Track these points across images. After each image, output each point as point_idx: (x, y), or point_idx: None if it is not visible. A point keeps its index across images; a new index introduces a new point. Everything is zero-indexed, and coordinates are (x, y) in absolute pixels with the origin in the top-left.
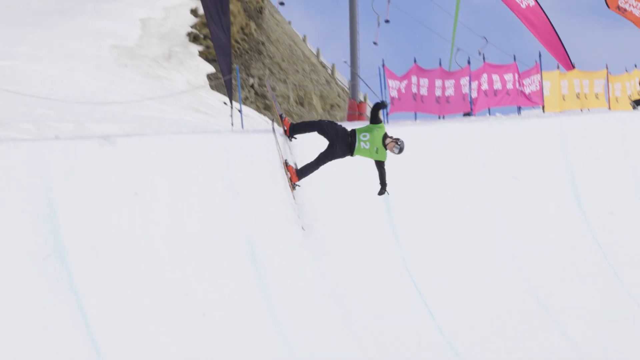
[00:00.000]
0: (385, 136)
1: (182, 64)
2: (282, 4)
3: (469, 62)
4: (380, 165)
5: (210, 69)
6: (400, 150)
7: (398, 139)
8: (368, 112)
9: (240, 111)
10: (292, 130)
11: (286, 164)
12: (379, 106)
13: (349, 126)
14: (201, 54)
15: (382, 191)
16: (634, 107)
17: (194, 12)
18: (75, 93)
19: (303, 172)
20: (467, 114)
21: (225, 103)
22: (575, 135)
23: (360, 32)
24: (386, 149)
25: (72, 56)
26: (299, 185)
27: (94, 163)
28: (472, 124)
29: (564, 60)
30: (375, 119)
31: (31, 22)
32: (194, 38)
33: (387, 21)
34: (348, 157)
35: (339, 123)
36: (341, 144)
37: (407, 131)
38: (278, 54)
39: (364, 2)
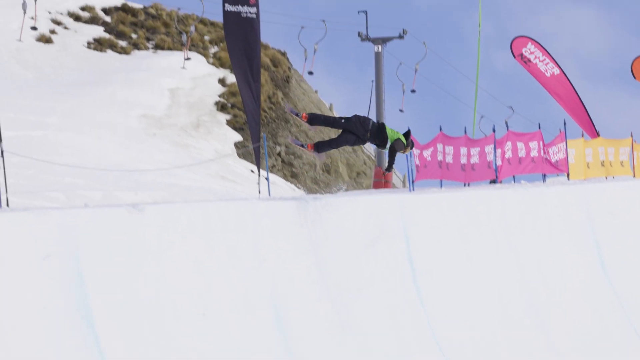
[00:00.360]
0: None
1: (210, 132)
2: (311, 73)
3: (494, 130)
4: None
5: (237, 137)
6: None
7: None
8: (394, 180)
9: (267, 179)
10: (318, 148)
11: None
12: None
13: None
14: (229, 122)
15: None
16: None
17: (221, 81)
18: (104, 162)
19: (321, 145)
20: (493, 181)
21: (252, 171)
22: (600, 202)
23: (386, 100)
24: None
25: (101, 126)
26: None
27: (123, 230)
28: (498, 190)
29: (589, 128)
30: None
31: (61, 92)
32: (221, 107)
33: (413, 91)
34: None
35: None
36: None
37: (432, 198)
38: (305, 123)
39: (390, 70)
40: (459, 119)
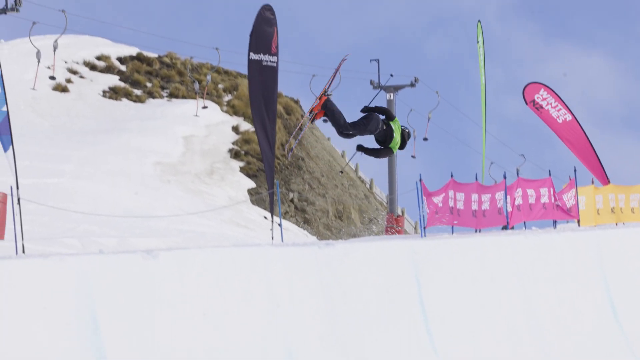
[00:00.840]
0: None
1: (224, 179)
2: (325, 121)
3: (504, 177)
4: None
5: (250, 184)
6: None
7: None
8: (406, 226)
9: (280, 225)
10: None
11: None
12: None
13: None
14: (242, 169)
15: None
16: None
17: (235, 129)
18: (119, 209)
19: (333, 112)
20: (505, 227)
21: (265, 217)
22: (610, 248)
23: None
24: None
25: (116, 173)
26: (324, 119)
27: (137, 277)
28: (509, 236)
29: (600, 175)
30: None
31: (77, 140)
32: (235, 154)
33: (425, 139)
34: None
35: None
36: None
37: (444, 244)
38: (317, 169)
39: (401, 117)
40: (470, 165)
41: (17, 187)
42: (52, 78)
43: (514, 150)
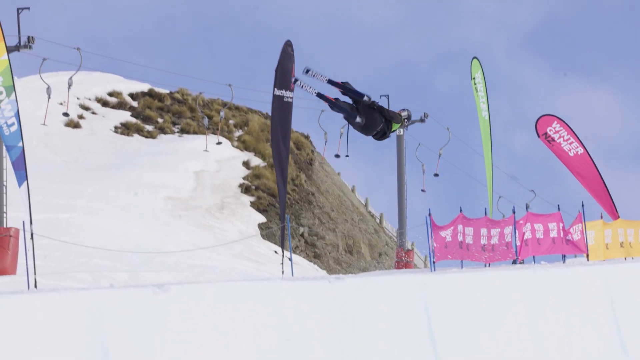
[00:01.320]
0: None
1: (234, 214)
2: (337, 156)
3: (513, 212)
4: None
5: (261, 218)
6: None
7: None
8: (416, 260)
9: (290, 259)
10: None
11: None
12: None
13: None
14: (252, 204)
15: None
16: None
17: (245, 164)
18: (130, 243)
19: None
20: (515, 262)
21: (275, 252)
22: (620, 282)
23: (407, 181)
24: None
25: (128, 208)
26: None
27: (148, 311)
28: (518, 271)
29: (609, 209)
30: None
31: (89, 176)
32: (245, 189)
33: (436, 175)
34: None
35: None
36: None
37: (454, 278)
38: (327, 204)
39: (410, 150)
40: (480, 200)
41: (31, 222)
42: (66, 115)
43: (522, 184)
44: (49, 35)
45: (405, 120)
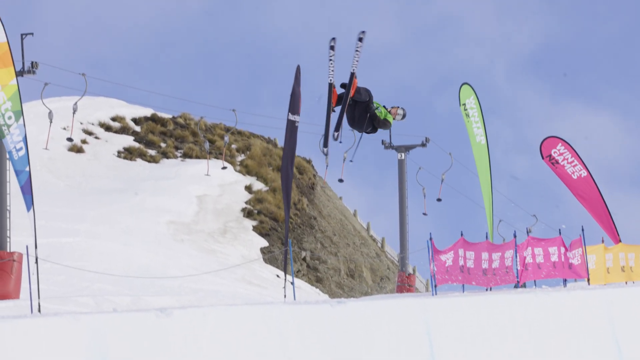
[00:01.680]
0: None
1: (237, 238)
2: (341, 180)
3: (514, 236)
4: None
5: (263, 242)
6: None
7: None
8: (418, 284)
9: (292, 283)
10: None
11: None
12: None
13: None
14: (255, 228)
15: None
16: None
17: (248, 188)
18: (133, 267)
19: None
20: (516, 286)
21: (278, 275)
22: (621, 306)
23: (408, 205)
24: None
25: (131, 232)
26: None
27: (151, 335)
28: (519, 295)
29: (611, 233)
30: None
31: (92, 200)
32: (248, 213)
33: (439, 200)
34: None
35: None
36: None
37: (455, 302)
38: (329, 228)
39: (411, 174)
40: (481, 224)
41: (36, 247)
42: (70, 140)
43: (522, 208)
44: (52, 60)
45: (400, 118)
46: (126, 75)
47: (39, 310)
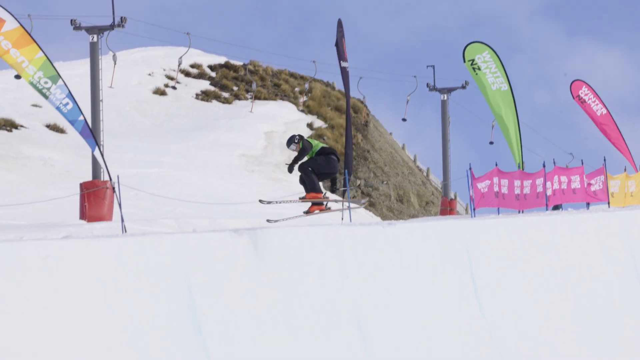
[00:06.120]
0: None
1: None
2: (404, 120)
3: (544, 166)
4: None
5: None
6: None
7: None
8: (458, 207)
9: (349, 208)
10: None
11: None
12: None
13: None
14: None
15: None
16: None
17: (309, 125)
18: (209, 194)
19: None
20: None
21: (336, 201)
22: (637, 225)
23: (451, 139)
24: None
25: (208, 164)
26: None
27: (226, 252)
28: (547, 217)
29: (632, 162)
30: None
31: (174, 137)
32: None
33: (491, 143)
34: None
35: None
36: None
37: (492, 223)
38: (381, 160)
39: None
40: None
41: (110, 178)
42: (174, 88)
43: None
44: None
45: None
46: (202, 24)
47: (126, 231)
